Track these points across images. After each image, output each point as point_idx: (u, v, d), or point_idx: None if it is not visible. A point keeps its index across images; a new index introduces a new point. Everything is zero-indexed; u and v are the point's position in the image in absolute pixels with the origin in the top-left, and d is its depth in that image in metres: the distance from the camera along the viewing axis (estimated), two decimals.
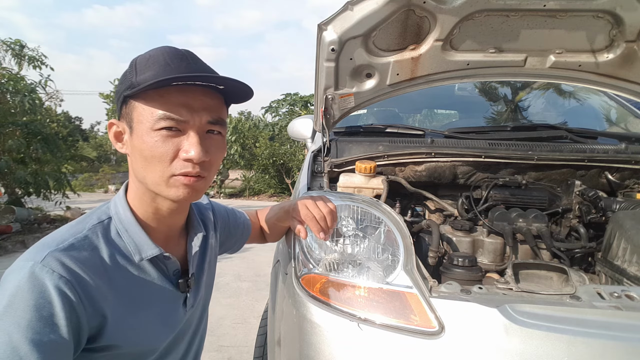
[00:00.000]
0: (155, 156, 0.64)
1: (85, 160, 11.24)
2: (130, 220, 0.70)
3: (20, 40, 6.75)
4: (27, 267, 0.58)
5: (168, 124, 0.64)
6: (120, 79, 0.69)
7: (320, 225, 0.86)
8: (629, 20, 1.14)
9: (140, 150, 0.65)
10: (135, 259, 0.69)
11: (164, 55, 0.66)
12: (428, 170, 1.45)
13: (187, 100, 0.65)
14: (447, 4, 1.10)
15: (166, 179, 0.66)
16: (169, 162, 0.65)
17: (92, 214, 0.71)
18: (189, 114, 0.65)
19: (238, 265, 4.37)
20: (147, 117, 0.64)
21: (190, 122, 0.65)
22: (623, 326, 0.75)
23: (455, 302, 0.80)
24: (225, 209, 1.03)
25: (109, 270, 0.65)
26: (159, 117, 0.63)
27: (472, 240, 1.27)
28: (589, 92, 2.23)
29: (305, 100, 17.76)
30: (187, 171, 0.66)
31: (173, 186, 0.66)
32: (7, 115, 6.00)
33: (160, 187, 0.67)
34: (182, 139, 0.65)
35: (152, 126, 0.64)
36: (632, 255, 1.05)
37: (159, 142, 0.64)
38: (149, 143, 0.64)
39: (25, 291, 0.57)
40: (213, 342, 2.52)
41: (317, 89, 1.35)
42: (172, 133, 0.64)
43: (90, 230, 0.66)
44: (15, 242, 5.19)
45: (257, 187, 12.57)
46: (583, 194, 1.35)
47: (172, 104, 0.64)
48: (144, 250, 0.70)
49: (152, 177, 0.66)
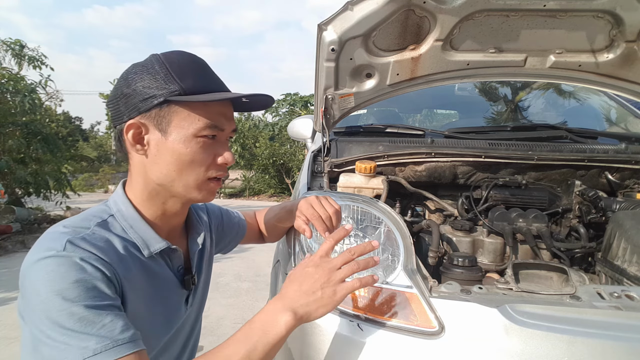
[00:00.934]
0: (196, 161, 0.68)
1: (85, 160, 11.25)
2: (134, 216, 0.70)
3: (20, 40, 6.75)
4: (51, 255, 0.58)
5: (211, 132, 0.68)
6: (144, 80, 0.66)
7: (325, 224, 0.87)
8: (629, 20, 1.14)
9: (179, 154, 0.67)
10: (145, 253, 0.70)
11: (193, 62, 0.70)
12: (428, 170, 1.45)
13: (224, 111, 0.71)
14: (447, 4, 1.10)
15: (201, 182, 0.70)
16: (207, 166, 0.70)
17: (91, 213, 0.70)
18: (226, 123, 0.71)
19: (238, 265, 4.37)
20: (190, 124, 0.67)
21: (225, 130, 0.71)
22: (623, 326, 0.75)
23: (455, 302, 0.80)
24: (220, 209, 1.03)
25: (123, 259, 0.66)
26: (204, 125, 0.67)
27: (472, 240, 1.27)
28: (589, 92, 2.23)
29: (305, 100, 17.76)
30: (221, 174, 0.72)
31: (204, 190, 0.71)
32: (7, 115, 6.00)
33: (190, 189, 0.70)
34: (217, 146, 0.71)
35: (196, 132, 0.67)
36: (632, 255, 1.05)
37: (202, 148, 0.68)
38: (192, 148, 0.67)
39: (62, 272, 0.57)
40: (213, 342, 2.52)
41: (317, 89, 1.35)
42: (210, 140, 0.69)
43: (97, 226, 0.66)
44: (15, 242, 5.19)
45: (257, 187, 12.57)
46: (583, 194, 1.35)
47: (214, 113, 0.69)
48: (152, 244, 0.71)
49: (186, 180, 0.69)
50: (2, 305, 3.23)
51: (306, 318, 0.65)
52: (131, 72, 0.68)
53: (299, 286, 0.66)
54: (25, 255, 0.62)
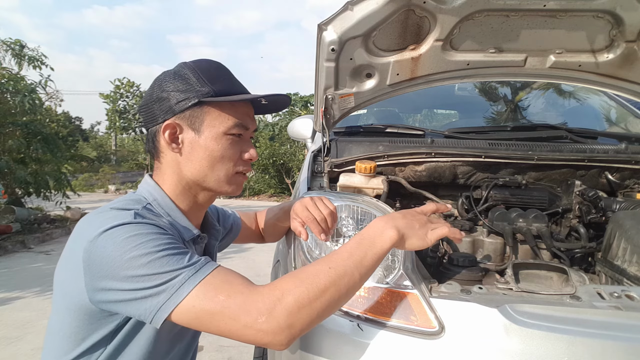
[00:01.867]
0: (226, 156, 0.75)
1: (85, 160, 11.21)
2: (171, 205, 0.76)
3: (20, 40, 6.74)
4: (124, 223, 0.64)
5: (239, 130, 0.76)
6: (177, 84, 0.73)
7: (320, 226, 0.87)
8: (629, 20, 1.14)
9: (212, 150, 0.74)
10: (186, 237, 0.76)
11: (219, 69, 0.78)
12: (428, 170, 1.45)
13: (249, 112, 0.79)
14: (447, 4, 1.10)
15: (230, 176, 0.77)
16: (235, 161, 0.77)
17: (128, 198, 0.75)
18: (251, 123, 0.79)
19: (238, 265, 4.37)
20: (221, 122, 0.74)
21: (250, 129, 0.79)
22: (623, 326, 0.75)
23: (455, 302, 0.80)
24: (216, 208, 1.05)
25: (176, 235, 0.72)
26: (233, 124, 0.75)
27: (472, 240, 1.27)
28: (589, 92, 2.23)
29: (305, 100, 17.76)
30: (247, 168, 0.80)
31: (234, 183, 0.78)
32: (7, 115, 6.00)
33: (221, 183, 0.77)
34: (242, 143, 0.78)
35: (226, 130, 0.74)
36: (632, 255, 1.05)
37: (231, 145, 0.76)
38: (222, 145, 0.75)
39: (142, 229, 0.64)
40: (213, 342, 2.52)
41: (317, 89, 1.35)
42: (237, 138, 0.77)
43: (143, 209, 0.70)
44: (15, 242, 5.19)
45: (257, 187, 12.56)
46: (583, 194, 1.35)
47: (241, 113, 0.77)
48: (187, 230, 0.77)
49: (217, 174, 0.76)
50: (2, 305, 3.23)
51: (405, 241, 0.72)
52: (164, 78, 0.75)
53: (403, 217, 0.74)
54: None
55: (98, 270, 0.62)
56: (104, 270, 0.61)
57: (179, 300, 0.58)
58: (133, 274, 0.59)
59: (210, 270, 0.62)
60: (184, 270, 0.61)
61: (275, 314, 0.58)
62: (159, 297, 0.59)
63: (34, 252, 5.12)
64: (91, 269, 0.62)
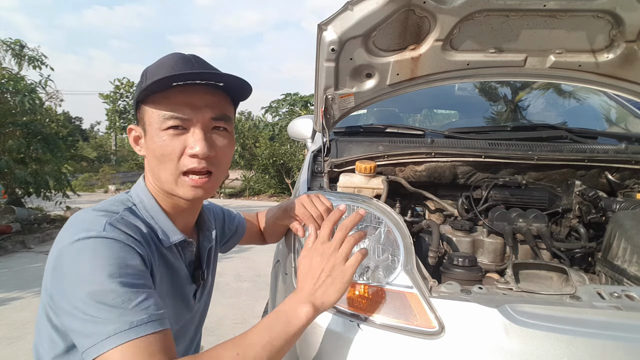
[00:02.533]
0: (165, 154, 0.69)
1: (85, 160, 11.24)
2: (156, 208, 0.74)
3: (20, 40, 6.75)
4: (92, 236, 0.61)
5: (174, 123, 0.68)
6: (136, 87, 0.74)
7: (318, 223, 0.87)
8: (629, 20, 1.14)
9: (153, 150, 0.70)
10: (165, 244, 0.73)
11: (170, 62, 0.70)
12: (428, 170, 1.45)
13: (190, 100, 0.69)
14: (447, 4, 1.10)
15: (176, 177, 0.70)
16: (177, 159, 0.69)
17: (115, 200, 0.74)
18: (192, 112, 0.69)
19: (238, 265, 4.37)
20: (155, 119, 0.69)
21: (194, 120, 0.69)
22: (623, 326, 0.75)
23: (455, 302, 0.80)
24: (221, 209, 1.04)
25: (150, 245, 0.69)
26: (165, 117, 0.68)
27: (472, 240, 1.27)
28: (589, 92, 2.23)
29: (305, 100, 17.76)
30: (193, 167, 0.69)
31: (182, 186, 0.71)
32: (7, 115, 5.99)
33: (171, 185, 0.71)
34: (188, 137, 0.70)
35: (160, 126, 0.69)
36: (632, 255, 1.05)
37: (167, 141, 0.69)
38: (158, 143, 0.69)
39: (103, 249, 0.60)
40: (213, 342, 2.51)
41: (317, 89, 1.34)
42: (178, 132, 0.69)
43: (125, 212, 0.69)
44: (15, 242, 5.19)
45: (257, 187, 12.56)
46: (583, 194, 1.35)
47: (175, 103, 0.68)
48: (171, 235, 0.74)
49: (165, 175, 0.71)
50: (2, 305, 3.23)
51: (326, 306, 0.69)
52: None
53: (311, 278, 0.70)
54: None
55: (56, 279, 0.62)
56: (59, 283, 0.61)
57: (102, 351, 0.56)
58: (75, 305, 0.58)
59: (144, 334, 0.57)
60: (118, 322, 0.57)
61: None
62: (87, 340, 0.57)
63: (34, 252, 5.12)
64: (53, 274, 0.63)
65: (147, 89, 0.67)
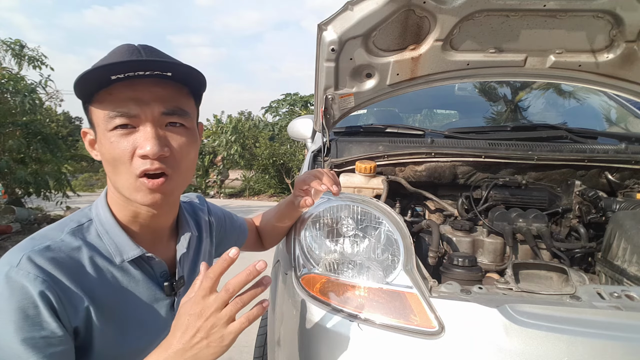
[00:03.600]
0: (115, 158, 0.62)
1: (85, 160, 11.23)
2: (110, 222, 0.68)
3: (20, 40, 6.74)
4: (3, 272, 0.58)
5: (120, 121, 0.61)
6: None
7: (321, 180, 0.88)
8: (629, 20, 1.14)
9: (103, 154, 0.64)
10: (117, 261, 0.67)
11: (115, 54, 0.62)
12: (428, 170, 1.45)
13: (136, 94, 0.61)
14: (447, 4, 1.10)
15: (132, 181, 0.63)
16: (129, 161, 0.62)
17: (73, 216, 0.70)
18: (139, 108, 0.61)
19: (238, 265, 4.36)
20: (101, 119, 0.62)
21: (142, 116, 0.62)
22: (623, 326, 0.75)
23: (455, 302, 0.80)
24: (222, 211, 1.02)
25: (88, 273, 0.64)
26: (110, 117, 0.61)
27: (472, 240, 1.27)
28: (589, 92, 2.23)
29: (305, 100, 17.76)
30: (146, 168, 0.62)
31: (139, 190, 0.64)
32: (7, 115, 5.99)
33: (129, 191, 0.64)
34: (137, 136, 0.62)
35: (107, 127, 0.61)
36: (632, 255, 1.05)
37: (115, 143, 0.61)
38: (106, 145, 0.62)
39: (6, 295, 0.56)
40: None
41: (317, 89, 1.35)
42: (126, 131, 0.62)
43: (68, 234, 0.65)
44: (15, 242, 5.15)
45: (257, 187, 12.56)
46: (583, 194, 1.35)
47: (120, 100, 0.61)
48: (125, 251, 0.68)
49: (121, 181, 0.64)
50: None
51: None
52: None
53: (182, 335, 0.58)
54: None
55: None
56: None
57: None
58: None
59: None
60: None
61: None
62: None
63: None
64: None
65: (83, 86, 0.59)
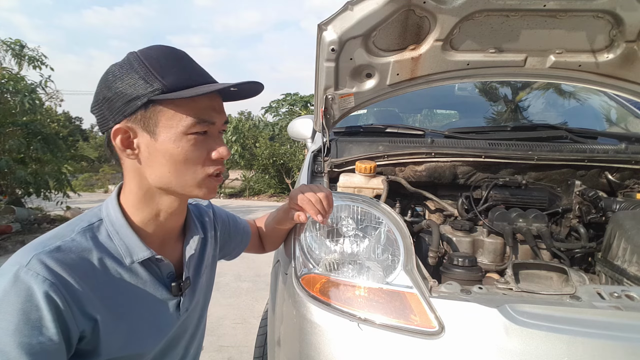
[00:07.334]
0: (190, 159, 0.66)
1: (86, 160, 11.24)
2: (121, 222, 0.68)
3: (20, 41, 6.74)
4: (12, 272, 0.58)
5: (201, 128, 0.66)
6: (124, 81, 0.63)
7: (316, 207, 0.88)
8: (629, 20, 1.14)
9: (172, 155, 0.66)
10: (126, 262, 0.68)
11: (171, 56, 0.66)
12: (428, 170, 1.45)
13: (213, 104, 0.68)
14: (447, 4, 1.10)
15: (200, 180, 0.69)
16: (202, 163, 0.68)
17: (84, 216, 0.70)
18: (217, 116, 0.69)
19: (238, 265, 4.37)
20: (179, 122, 0.65)
21: (216, 124, 0.69)
22: (623, 326, 0.75)
23: (455, 302, 0.80)
24: (226, 213, 1.02)
25: (97, 274, 0.64)
26: (193, 122, 0.65)
27: (472, 240, 1.27)
28: (589, 92, 2.23)
29: (305, 100, 17.75)
30: (219, 168, 0.70)
31: (205, 187, 0.70)
32: (7, 115, 5.99)
33: (190, 188, 0.69)
34: (210, 141, 0.69)
35: (185, 130, 0.65)
36: (632, 255, 1.05)
37: (193, 146, 0.66)
38: (184, 147, 0.65)
39: (11, 296, 0.56)
40: (213, 342, 2.52)
41: (317, 89, 1.35)
42: (203, 136, 0.67)
43: (79, 234, 0.65)
44: (15, 242, 5.19)
45: (257, 187, 12.55)
46: (583, 194, 1.35)
47: (202, 108, 0.66)
48: (135, 252, 0.68)
49: (184, 180, 0.68)
50: None
51: None
52: (110, 73, 0.65)
53: None
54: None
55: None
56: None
57: None
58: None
59: None
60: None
61: None
62: None
63: None
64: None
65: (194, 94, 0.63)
